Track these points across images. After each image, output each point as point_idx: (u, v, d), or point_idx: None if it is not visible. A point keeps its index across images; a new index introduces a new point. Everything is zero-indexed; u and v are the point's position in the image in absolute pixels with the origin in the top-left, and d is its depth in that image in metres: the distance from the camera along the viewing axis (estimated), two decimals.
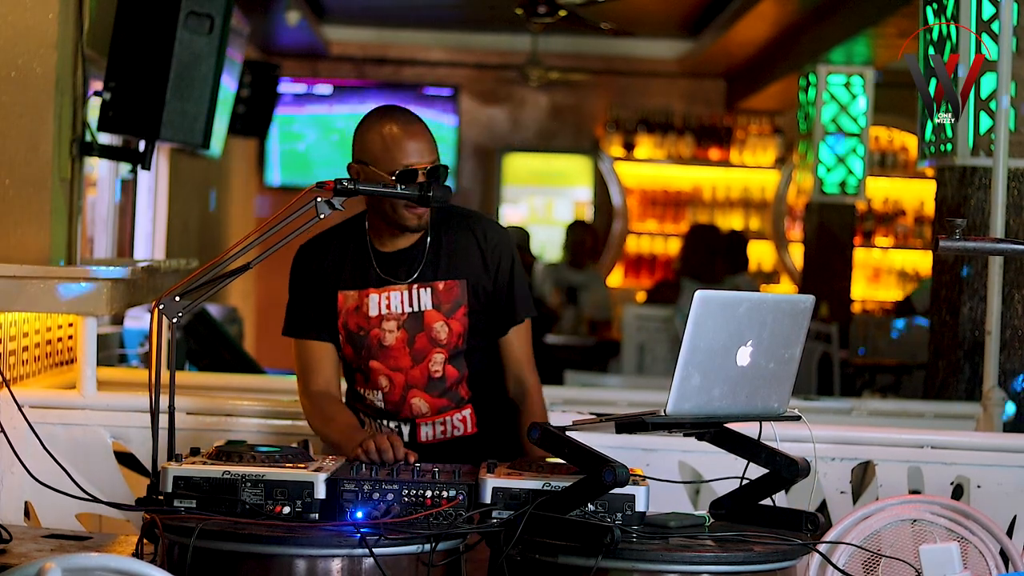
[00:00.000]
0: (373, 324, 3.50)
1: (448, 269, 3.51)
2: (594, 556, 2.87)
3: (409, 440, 3.53)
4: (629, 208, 12.03)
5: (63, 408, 4.21)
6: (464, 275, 3.52)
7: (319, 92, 12.04)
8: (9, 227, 4.36)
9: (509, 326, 3.59)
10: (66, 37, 4.44)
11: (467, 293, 3.51)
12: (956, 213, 5.37)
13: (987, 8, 5.24)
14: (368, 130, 3.48)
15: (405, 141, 3.43)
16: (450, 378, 3.53)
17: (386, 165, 3.42)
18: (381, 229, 3.51)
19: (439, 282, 3.50)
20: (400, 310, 3.49)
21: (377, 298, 3.50)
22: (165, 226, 8.50)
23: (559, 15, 8.05)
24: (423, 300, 3.50)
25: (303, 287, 3.57)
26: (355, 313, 3.51)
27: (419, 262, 3.51)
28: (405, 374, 3.50)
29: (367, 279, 3.51)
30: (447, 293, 3.51)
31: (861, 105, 9.74)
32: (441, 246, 3.53)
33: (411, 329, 3.49)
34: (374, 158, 3.44)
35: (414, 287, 3.50)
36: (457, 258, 3.53)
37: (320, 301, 3.54)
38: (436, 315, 3.50)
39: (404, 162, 3.41)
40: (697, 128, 12.05)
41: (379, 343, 3.50)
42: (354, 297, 3.51)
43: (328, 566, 2.89)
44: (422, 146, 3.44)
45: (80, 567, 2.37)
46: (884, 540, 3.54)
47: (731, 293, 3.04)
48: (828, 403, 5.65)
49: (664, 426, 3.08)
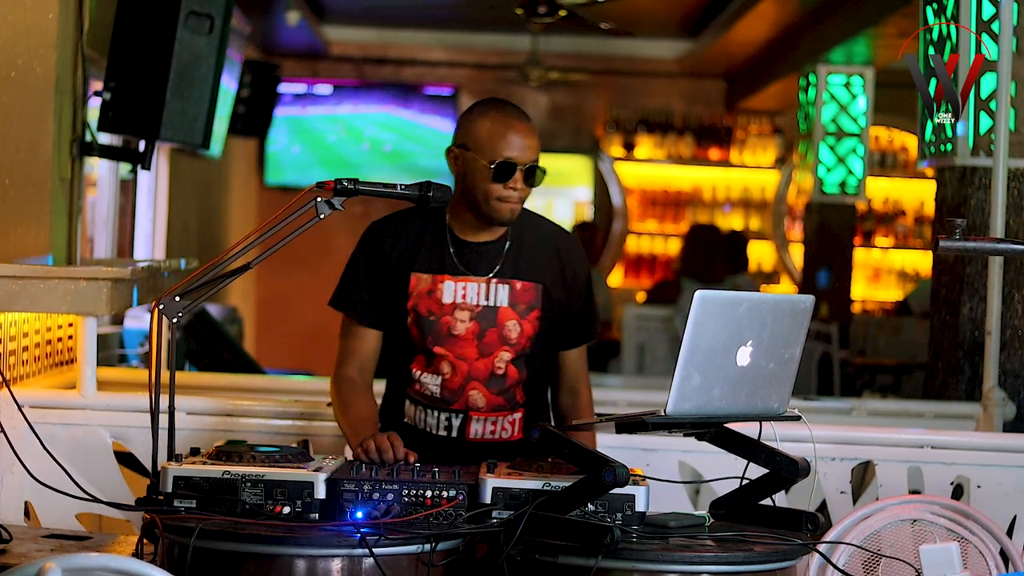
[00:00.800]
0: (445, 311, 3.49)
1: (528, 270, 3.52)
2: (594, 556, 2.87)
3: (457, 436, 3.51)
4: (629, 208, 12.03)
5: (63, 408, 4.21)
6: (542, 279, 3.53)
7: (319, 92, 12.04)
8: (9, 227, 4.35)
9: (578, 342, 3.62)
10: (66, 37, 4.44)
11: (541, 298, 3.52)
12: (956, 213, 5.37)
13: (987, 8, 5.24)
14: (478, 116, 3.48)
15: (511, 134, 3.43)
16: (510, 378, 3.52)
17: (487, 153, 3.42)
18: (466, 218, 3.51)
19: (517, 281, 3.51)
20: (475, 302, 3.49)
21: (453, 286, 3.49)
22: (165, 226, 8.50)
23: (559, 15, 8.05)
24: (500, 296, 3.50)
25: (368, 264, 3.54)
26: (427, 297, 3.49)
27: (500, 258, 3.51)
28: (469, 364, 3.49)
29: (443, 265, 3.50)
30: (524, 294, 3.51)
31: (861, 105, 9.74)
32: (523, 246, 3.54)
33: (483, 322, 3.49)
34: (477, 144, 3.44)
35: (492, 281, 3.50)
36: (538, 262, 3.54)
37: (384, 282, 3.52)
38: (511, 313, 3.50)
39: (506, 153, 3.42)
40: (697, 128, 12.05)
41: (448, 331, 3.49)
42: (428, 281, 3.50)
43: (328, 566, 2.89)
44: (526, 143, 3.44)
45: (80, 567, 2.37)
46: (884, 540, 3.54)
47: (731, 293, 3.04)
48: (828, 403, 5.65)
49: (664, 426, 3.08)
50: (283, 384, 5.56)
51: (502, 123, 3.45)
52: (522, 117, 3.49)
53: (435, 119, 12.10)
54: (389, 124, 12.04)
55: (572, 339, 3.61)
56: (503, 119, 3.46)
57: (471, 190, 3.46)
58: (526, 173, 3.44)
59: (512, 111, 3.49)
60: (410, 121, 12.08)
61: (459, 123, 3.53)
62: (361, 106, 12.03)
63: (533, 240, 3.56)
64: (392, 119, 12.05)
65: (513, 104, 3.54)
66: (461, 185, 3.49)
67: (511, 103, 3.54)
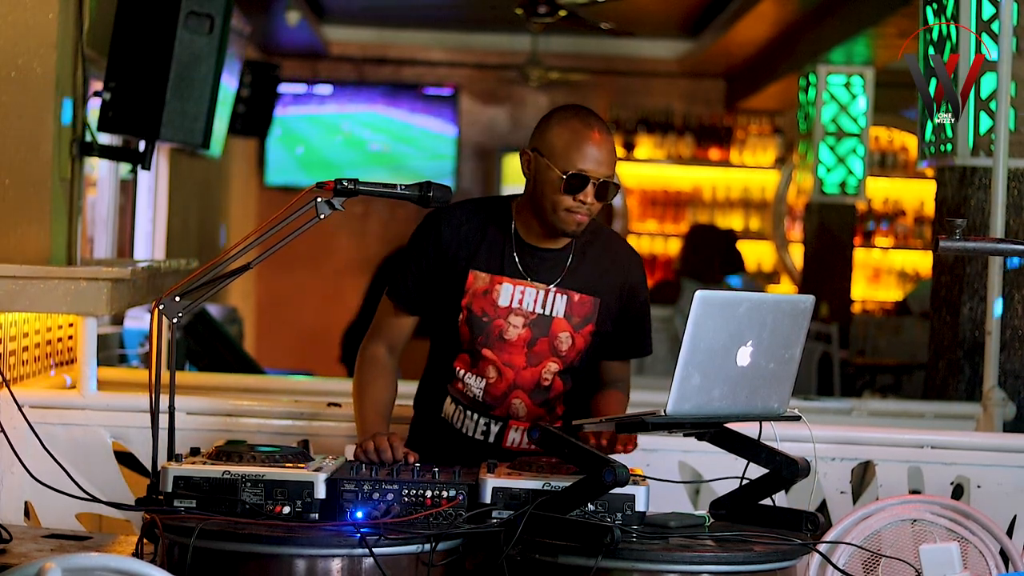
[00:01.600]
0: (500, 314, 3.42)
1: (588, 283, 3.45)
2: (594, 556, 2.87)
3: (494, 442, 3.45)
4: (629, 208, 12.03)
5: (63, 408, 4.21)
6: (601, 294, 3.46)
7: (319, 92, 12.04)
8: (9, 227, 4.35)
9: (626, 356, 3.56)
10: (66, 37, 4.44)
11: (598, 312, 3.46)
12: (956, 213, 5.37)
13: (987, 8, 5.24)
14: (558, 122, 3.39)
15: (589, 146, 3.33)
16: (556, 389, 3.46)
17: (562, 162, 3.33)
18: (532, 223, 3.44)
19: (576, 293, 3.44)
20: (531, 308, 3.42)
21: (511, 289, 3.42)
22: (165, 226, 8.50)
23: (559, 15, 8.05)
24: (557, 306, 3.43)
25: (421, 252, 3.47)
26: (482, 297, 3.43)
27: (563, 267, 3.44)
28: (516, 372, 3.43)
29: (503, 266, 3.44)
30: (581, 307, 3.44)
31: (861, 105, 9.74)
32: (586, 258, 3.46)
33: (536, 331, 3.42)
34: (552, 151, 3.35)
35: (551, 290, 3.43)
36: (599, 276, 3.46)
37: (434, 272, 3.46)
38: (565, 325, 3.43)
39: (580, 165, 3.32)
40: (697, 128, 12.06)
41: (500, 334, 3.42)
42: (485, 280, 3.43)
43: (328, 566, 2.89)
44: (603, 157, 3.34)
45: (80, 567, 2.37)
46: (884, 540, 3.54)
47: (731, 293, 3.04)
48: (828, 403, 5.65)
49: (664, 426, 3.08)
50: (283, 384, 5.56)
51: (580, 133, 3.34)
52: (602, 129, 3.38)
53: (434, 120, 12.11)
54: (389, 124, 12.05)
55: (620, 352, 3.54)
56: (582, 129, 3.35)
57: (540, 197, 3.37)
58: (598, 188, 3.34)
59: (594, 122, 3.38)
60: (408, 123, 12.09)
61: (538, 126, 3.43)
62: (361, 106, 12.04)
63: (598, 253, 3.48)
64: (392, 120, 12.05)
65: (596, 115, 3.43)
66: (531, 189, 3.41)
67: (594, 113, 3.43)
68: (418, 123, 12.10)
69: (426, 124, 12.09)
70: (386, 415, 3.45)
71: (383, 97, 12.06)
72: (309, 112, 11.99)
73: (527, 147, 3.42)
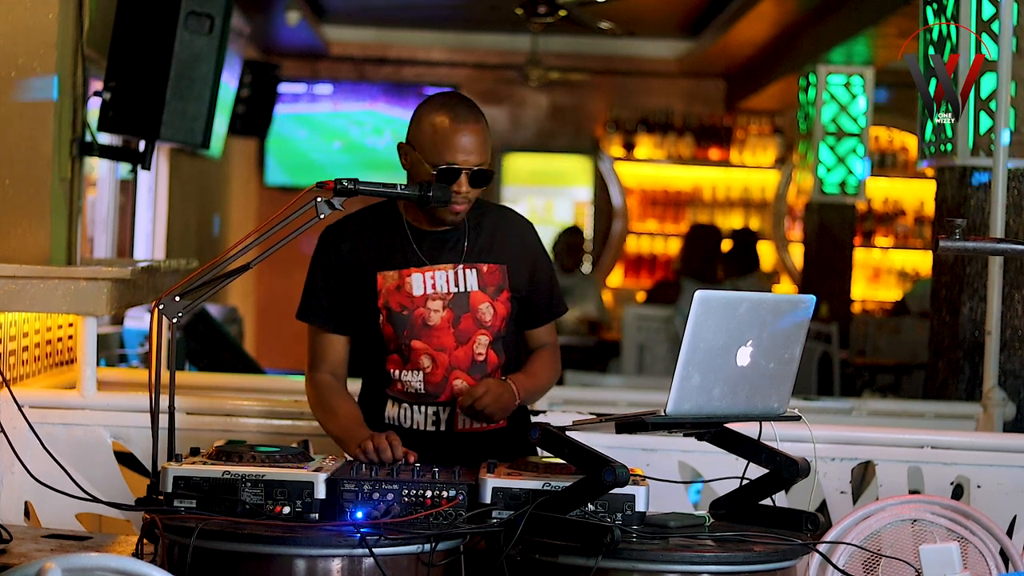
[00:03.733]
0: (417, 303, 3.46)
1: (491, 253, 3.51)
2: (594, 556, 2.87)
3: (445, 428, 3.48)
4: (629, 208, 12.03)
5: (63, 408, 4.21)
6: (506, 261, 3.52)
7: (319, 92, 12.04)
8: (9, 227, 4.35)
9: (547, 319, 3.63)
10: (66, 37, 4.44)
11: (508, 278, 3.51)
12: (956, 213, 5.37)
13: (987, 8, 5.24)
14: (424, 115, 3.42)
15: (454, 137, 3.36)
16: (491, 363, 3.50)
17: (431, 157, 3.37)
18: (418, 213, 3.48)
19: (483, 264, 3.49)
20: (446, 289, 3.47)
21: (421, 277, 3.46)
22: (165, 226, 8.50)
23: (559, 15, 8.06)
24: (469, 281, 3.48)
25: (327, 271, 3.52)
26: (396, 292, 3.46)
27: (463, 243, 3.50)
28: (449, 355, 3.47)
29: (407, 259, 3.48)
30: (491, 276, 3.50)
31: (861, 105, 9.74)
32: (483, 230, 3.52)
33: (457, 309, 3.47)
34: (422, 145, 3.39)
35: (459, 267, 3.48)
36: (499, 244, 3.52)
37: (344, 286, 3.50)
38: (482, 296, 3.49)
39: (448, 159, 3.36)
40: (697, 128, 12.05)
41: (423, 322, 3.46)
42: (394, 277, 3.47)
43: (328, 566, 2.89)
44: (471, 145, 3.37)
45: (80, 567, 2.37)
46: (884, 540, 3.54)
47: (731, 293, 3.04)
48: (828, 403, 5.65)
49: (664, 426, 3.08)
50: (283, 384, 5.55)
51: (447, 126, 3.36)
52: (470, 118, 3.39)
53: None
54: (389, 124, 12.05)
55: (540, 317, 3.62)
56: (449, 121, 3.37)
57: None
58: (472, 176, 3.39)
59: (461, 110, 3.39)
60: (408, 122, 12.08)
61: (411, 118, 3.47)
62: (361, 106, 12.04)
63: (492, 224, 3.54)
64: (392, 119, 12.05)
65: (464, 100, 3.44)
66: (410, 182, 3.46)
67: (462, 98, 3.45)
68: None
69: None
70: (363, 422, 3.46)
71: (383, 96, 12.06)
72: (309, 112, 12.00)
73: (403, 141, 3.46)
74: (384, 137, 12.07)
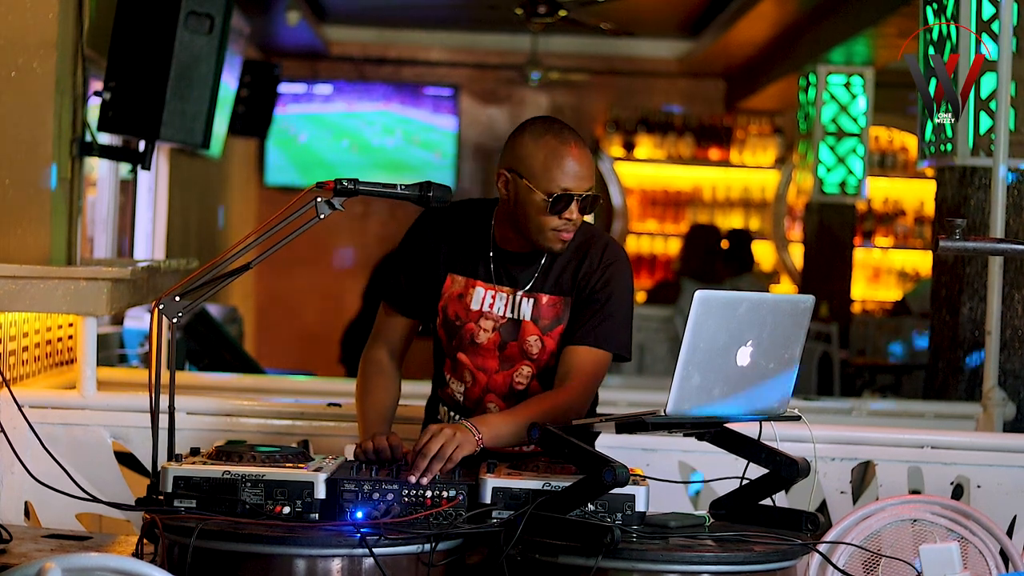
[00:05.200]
0: (471, 318, 3.39)
1: (556, 284, 3.37)
2: (594, 556, 2.87)
3: None
4: (629, 208, 12.03)
5: (63, 408, 4.21)
6: (572, 293, 3.38)
7: (319, 92, 12.04)
8: (9, 227, 4.36)
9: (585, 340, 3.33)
10: (66, 37, 4.44)
11: (569, 311, 3.37)
12: (956, 213, 5.37)
13: (987, 8, 5.24)
14: (530, 141, 3.29)
15: (568, 162, 3.25)
16: (532, 392, 3.39)
17: (543, 184, 3.24)
18: (511, 235, 3.36)
19: (544, 295, 3.37)
20: (501, 312, 3.38)
21: (483, 293, 3.39)
22: (165, 226, 8.50)
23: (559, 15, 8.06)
24: (523, 310, 3.37)
25: (410, 252, 3.44)
26: (457, 300, 3.40)
27: (534, 271, 3.37)
28: (488, 376, 3.40)
29: (477, 270, 3.40)
30: (549, 308, 3.37)
31: (861, 105, 9.75)
32: (557, 259, 3.37)
33: (505, 335, 3.39)
34: (531, 171, 3.26)
35: (519, 293, 3.37)
36: (568, 274, 3.37)
37: (419, 273, 3.43)
38: (533, 328, 3.37)
39: (564, 184, 3.24)
40: (697, 128, 12.05)
41: (472, 338, 3.40)
42: (461, 283, 3.40)
43: (328, 566, 2.89)
44: (583, 171, 3.26)
45: (80, 567, 2.37)
46: (884, 540, 3.54)
47: (731, 293, 3.03)
48: (828, 403, 5.66)
49: (664, 426, 3.08)
50: (283, 384, 5.56)
51: (558, 151, 3.25)
52: (578, 141, 3.28)
53: (436, 118, 12.11)
54: (389, 124, 12.05)
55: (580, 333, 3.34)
56: (559, 146, 3.26)
57: (523, 219, 3.29)
58: (582, 203, 3.29)
59: (568, 135, 3.28)
60: (411, 119, 12.09)
61: (510, 144, 3.33)
62: (361, 106, 12.04)
63: (578, 251, 3.38)
64: (392, 119, 12.05)
65: (568, 126, 3.33)
66: (511, 208, 3.32)
67: (567, 125, 3.33)
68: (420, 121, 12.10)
69: (426, 124, 12.09)
70: (387, 417, 3.45)
71: (383, 96, 12.06)
72: (309, 112, 12.00)
73: (502, 167, 3.34)
74: (395, 137, 12.08)
